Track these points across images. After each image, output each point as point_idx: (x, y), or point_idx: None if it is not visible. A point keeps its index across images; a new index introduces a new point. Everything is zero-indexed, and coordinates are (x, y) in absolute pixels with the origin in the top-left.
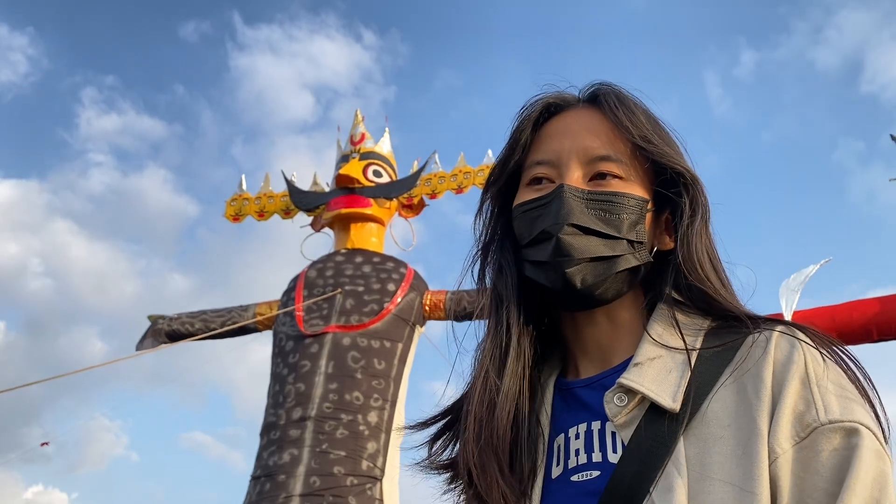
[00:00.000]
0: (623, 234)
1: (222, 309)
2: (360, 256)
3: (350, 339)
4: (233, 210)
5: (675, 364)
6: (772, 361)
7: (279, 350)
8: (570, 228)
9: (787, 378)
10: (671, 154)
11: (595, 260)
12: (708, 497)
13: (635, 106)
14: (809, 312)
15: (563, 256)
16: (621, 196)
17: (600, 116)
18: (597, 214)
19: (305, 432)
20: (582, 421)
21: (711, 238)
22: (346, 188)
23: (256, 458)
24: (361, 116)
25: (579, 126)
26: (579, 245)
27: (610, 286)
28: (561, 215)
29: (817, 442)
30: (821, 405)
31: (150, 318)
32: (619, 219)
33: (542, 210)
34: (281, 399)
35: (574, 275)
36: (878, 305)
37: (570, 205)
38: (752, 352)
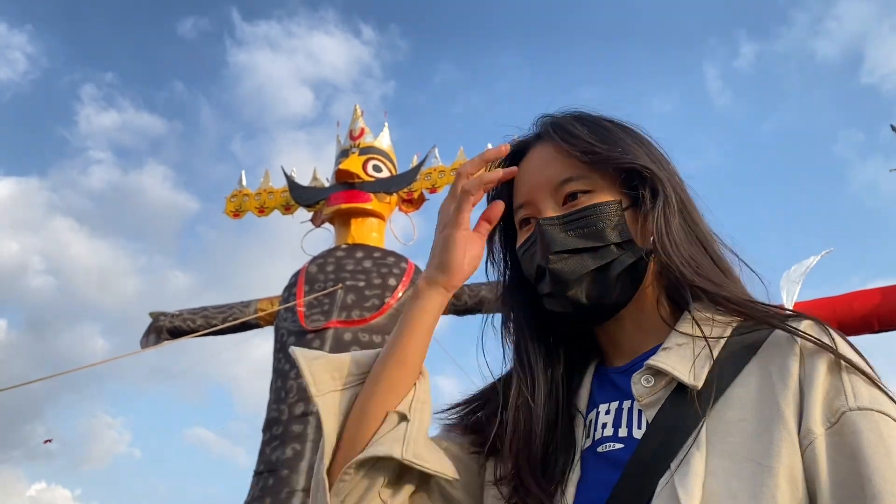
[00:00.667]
0: (608, 240)
1: (223, 305)
2: (361, 251)
3: (351, 335)
4: (233, 206)
5: (701, 349)
6: (798, 350)
7: (281, 345)
8: (555, 257)
9: (815, 365)
10: (619, 156)
11: (589, 273)
12: (724, 471)
13: (573, 124)
14: (811, 303)
15: (560, 283)
16: (591, 208)
17: (550, 147)
18: (576, 233)
19: (308, 427)
20: (613, 399)
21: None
22: (346, 183)
23: (259, 454)
24: (361, 111)
25: (539, 162)
26: (569, 267)
27: (618, 290)
28: (545, 248)
29: (847, 426)
30: (850, 392)
31: (151, 315)
32: (599, 228)
33: (532, 248)
34: (283, 394)
35: (577, 295)
36: (878, 296)
37: (549, 235)
38: (779, 340)
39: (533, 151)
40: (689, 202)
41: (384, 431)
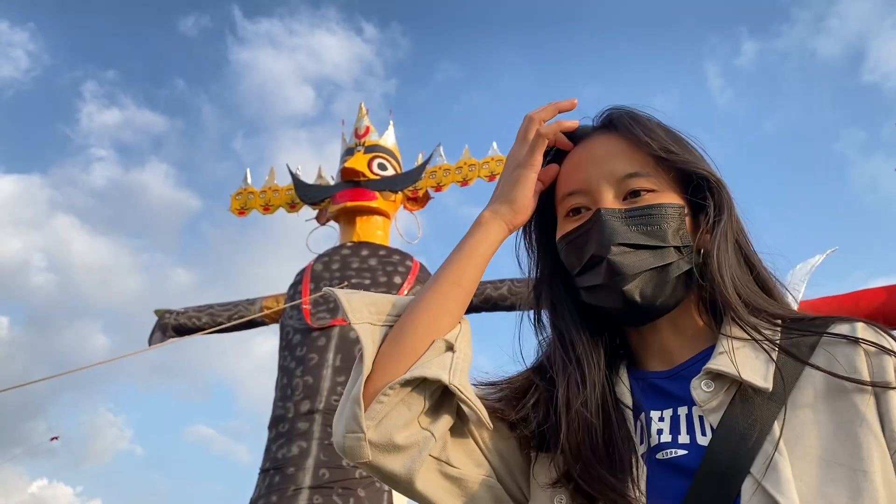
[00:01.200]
0: (669, 242)
1: (229, 303)
2: (366, 249)
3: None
4: (238, 204)
5: (759, 351)
6: (863, 350)
7: (286, 343)
8: (617, 248)
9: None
10: (693, 160)
11: (649, 272)
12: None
13: (650, 121)
14: (816, 302)
15: (618, 276)
16: (657, 207)
17: (618, 139)
18: (639, 229)
19: (314, 425)
20: (666, 407)
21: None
22: (352, 181)
23: (265, 451)
24: (366, 109)
25: (602, 151)
26: (630, 262)
27: (670, 294)
28: (605, 237)
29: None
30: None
31: (156, 312)
32: (661, 228)
33: (585, 237)
34: (289, 392)
35: (632, 291)
36: (884, 295)
37: (612, 226)
38: (835, 341)
39: (594, 140)
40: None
41: (431, 356)
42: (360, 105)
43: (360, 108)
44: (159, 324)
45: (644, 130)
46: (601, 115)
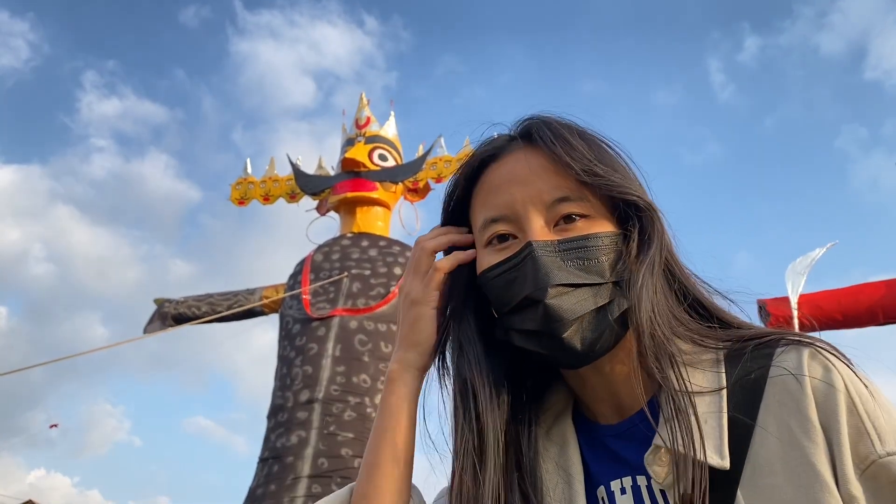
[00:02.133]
0: (607, 278)
1: (228, 292)
2: (367, 240)
3: (357, 323)
4: (238, 194)
5: (708, 410)
6: (811, 393)
7: (286, 333)
8: (554, 290)
9: (834, 409)
10: (620, 183)
11: (588, 314)
12: None
13: (572, 135)
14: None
15: (556, 322)
16: (594, 238)
17: (541, 154)
18: (575, 265)
19: (313, 414)
20: (624, 475)
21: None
22: (352, 172)
23: (264, 441)
24: (367, 100)
25: (524, 171)
26: (569, 305)
27: (609, 336)
28: (540, 278)
29: (878, 476)
30: (874, 435)
31: (156, 301)
32: (599, 262)
33: (515, 272)
34: (288, 382)
35: (572, 338)
36: (883, 289)
37: (546, 263)
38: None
39: (513, 157)
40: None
41: None
42: (361, 95)
43: (360, 99)
44: (158, 312)
45: (566, 149)
46: (519, 125)
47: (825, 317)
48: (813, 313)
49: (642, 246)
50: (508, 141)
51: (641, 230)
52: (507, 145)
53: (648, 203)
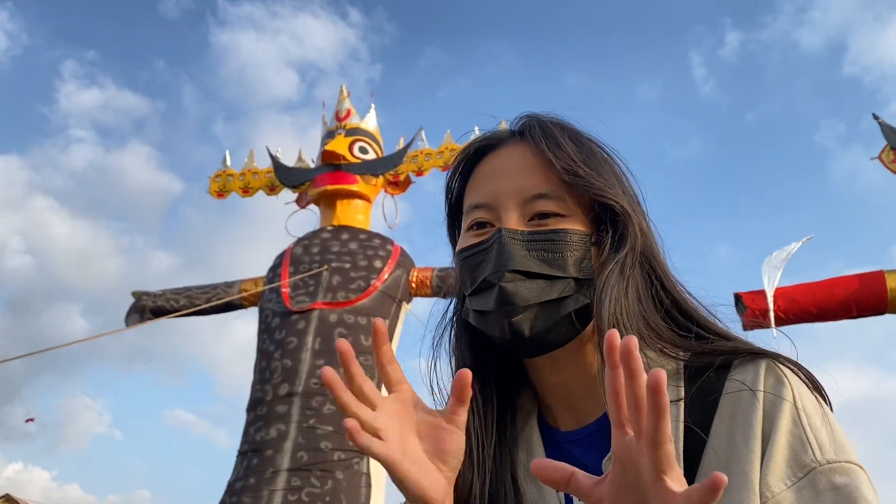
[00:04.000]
0: (568, 274)
1: (207, 285)
2: (347, 233)
3: (337, 316)
4: (217, 186)
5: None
6: (761, 405)
7: (265, 326)
8: (511, 275)
9: (777, 417)
10: (600, 186)
11: (541, 305)
12: None
13: (562, 135)
14: (792, 289)
15: (508, 305)
16: (562, 233)
17: (532, 151)
18: (539, 255)
19: (292, 408)
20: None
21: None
22: (332, 164)
23: (243, 434)
24: (347, 92)
25: (512, 165)
26: (523, 291)
27: (560, 329)
28: (500, 262)
29: (817, 482)
30: (815, 445)
31: (134, 294)
32: (563, 257)
33: (483, 256)
34: (267, 375)
35: (521, 323)
36: (857, 282)
37: (510, 250)
38: (740, 395)
39: (507, 149)
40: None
41: None
42: (342, 87)
43: (341, 91)
44: (136, 305)
45: (552, 148)
46: (516, 121)
47: (800, 310)
48: (788, 306)
49: (613, 248)
50: (509, 135)
51: (615, 233)
52: (505, 138)
53: (624, 208)
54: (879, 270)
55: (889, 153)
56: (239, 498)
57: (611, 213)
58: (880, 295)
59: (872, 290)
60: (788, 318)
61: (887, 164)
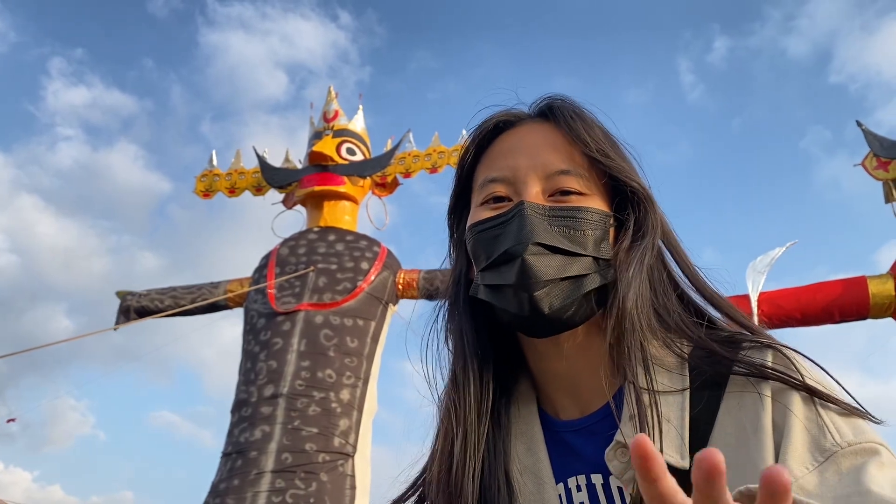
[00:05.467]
0: (589, 251)
1: (192, 286)
2: (334, 234)
3: (323, 318)
4: (203, 186)
5: (671, 410)
6: (770, 394)
7: (251, 327)
8: (535, 248)
9: (789, 404)
10: (627, 170)
11: (562, 280)
12: None
13: (592, 120)
14: (776, 294)
15: (530, 279)
16: (585, 211)
17: (555, 130)
18: (560, 231)
19: (277, 409)
20: (579, 472)
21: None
22: (320, 165)
23: (228, 435)
24: (335, 93)
25: (535, 141)
26: (545, 265)
27: (578, 308)
28: (524, 234)
29: (840, 465)
30: (833, 428)
31: (118, 294)
32: (584, 235)
33: (501, 229)
34: (252, 376)
35: (542, 298)
36: (840, 288)
37: (533, 222)
38: (746, 384)
39: (528, 127)
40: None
41: None
42: (330, 88)
43: (329, 92)
44: (121, 305)
45: (585, 127)
46: (539, 101)
47: (785, 315)
48: (773, 311)
49: (637, 234)
50: (527, 115)
51: (637, 219)
52: (524, 117)
53: (647, 194)
54: (862, 276)
55: (872, 160)
56: (223, 499)
57: (633, 197)
58: (863, 300)
59: (855, 296)
60: (773, 323)
61: (870, 170)
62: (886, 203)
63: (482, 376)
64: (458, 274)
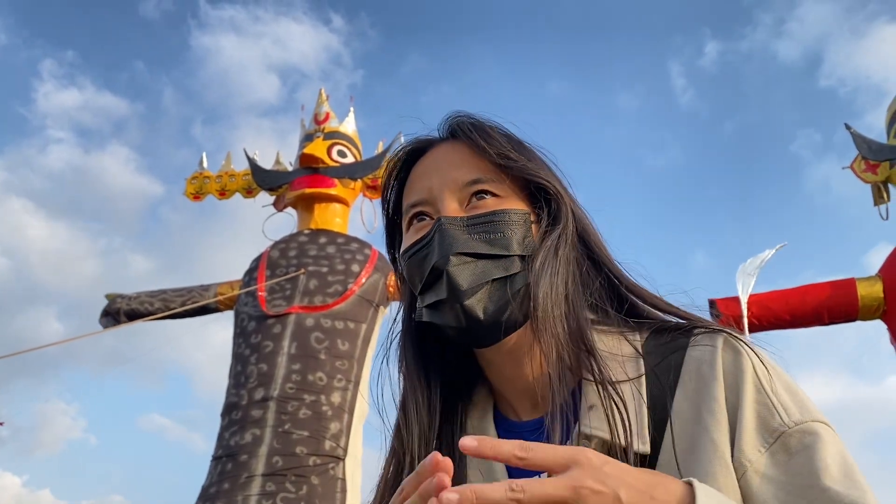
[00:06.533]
0: (513, 251)
1: (182, 288)
2: (324, 237)
3: (313, 320)
4: (193, 188)
5: (629, 398)
6: (721, 375)
7: (241, 330)
8: (456, 258)
9: (740, 387)
10: (532, 168)
11: (490, 283)
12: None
13: (491, 129)
14: (765, 296)
15: (458, 289)
16: (501, 213)
17: (461, 146)
18: (481, 237)
19: (268, 412)
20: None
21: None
22: (310, 168)
23: (218, 439)
24: (326, 95)
25: (444, 161)
26: (470, 273)
27: (516, 309)
28: (444, 247)
29: (788, 444)
30: (781, 409)
31: (107, 296)
32: (505, 236)
33: (427, 249)
34: (243, 379)
35: (474, 305)
36: (829, 290)
37: (452, 235)
38: (700, 368)
39: (438, 149)
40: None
41: None
42: (321, 91)
43: (320, 94)
44: (110, 308)
45: (483, 136)
46: (443, 123)
47: (774, 317)
48: (762, 313)
49: (548, 226)
50: (437, 138)
51: (549, 212)
52: (435, 141)
53: (556, 188)
54: (851, 278)
55: (860, 163)
56: (213, 503)
57: (544, 194)
58: (851, 302)
59: (844, 298)
60: (762, 325)
61: (858, 173)
62: (875, 206)
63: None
64: (407, 304)
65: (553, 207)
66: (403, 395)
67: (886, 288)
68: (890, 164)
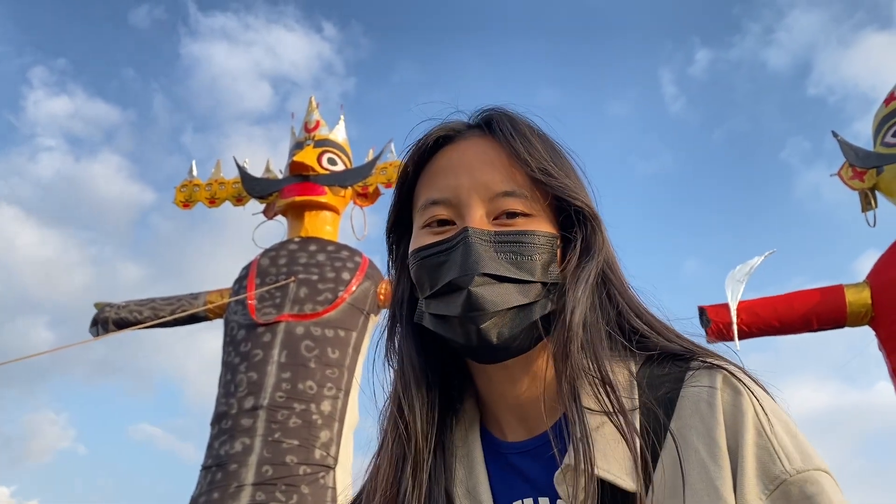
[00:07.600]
0: (537, 277)
1: (172, 297)
2: (315, 245)
3: (303, 328)
4: (183, 196)
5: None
6: (721, 416)
7: (230, 339)
8: (481, 279)
9: (740, 429)
10: (571, 187)
11: (510, 310)
12: None
13: (531, 133)
14: (753, 302)
15: (477, 311)
16: (531, 235)
17: (495, 146)
18: (507, 258)
19: (257, 421)
20: (526, 495)
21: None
22: (300, 176)
23: (207, 448)
24: (316, 103)
25: (475, 158)
26: (493, 296)
27: (527, 336)
28: (469, 264)
29: (789, 493)
30: (783, 455)
31: (96, 305)
32: (532, 260)
33: (445, 256)
34: (232, 388)
35: (490, 329)
36: (817, 296)
37: (479, 251)
38: (698, 406)
39: (469, 142)
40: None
41: None
42: (311, 99)
43: (310, 102)
44: (99, 317)
45: (524, 145)
46: (478, 114)
47: (763, 323)
48: (751, 320)
49: (583, 254)
50: (466, 127)
51: (584, 238)
52: (464, 130)
53: (593, 212)
54: (839, 285)
55: (848, 170)
56: None
57: (577, 217)
58: (839, 309)
59: (832, 304)
60: (752, 332)
61: (846, 180)
62: (863, 212)
63: (429, 401)
64: (400, 295)
65: (587, 232)
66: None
67: (874, 294)
68: (877, 171)
